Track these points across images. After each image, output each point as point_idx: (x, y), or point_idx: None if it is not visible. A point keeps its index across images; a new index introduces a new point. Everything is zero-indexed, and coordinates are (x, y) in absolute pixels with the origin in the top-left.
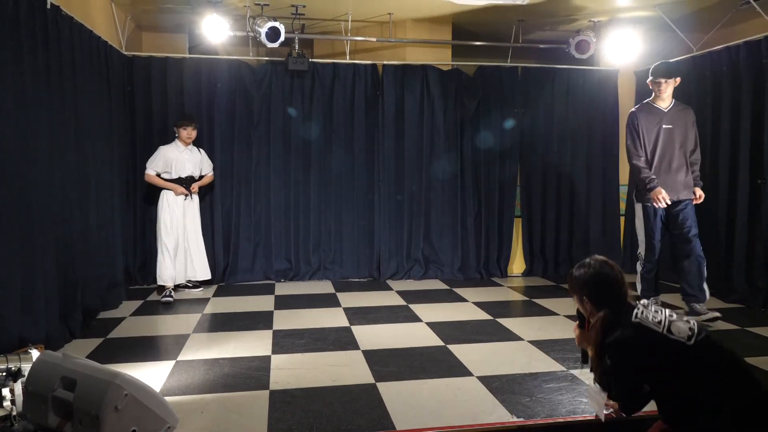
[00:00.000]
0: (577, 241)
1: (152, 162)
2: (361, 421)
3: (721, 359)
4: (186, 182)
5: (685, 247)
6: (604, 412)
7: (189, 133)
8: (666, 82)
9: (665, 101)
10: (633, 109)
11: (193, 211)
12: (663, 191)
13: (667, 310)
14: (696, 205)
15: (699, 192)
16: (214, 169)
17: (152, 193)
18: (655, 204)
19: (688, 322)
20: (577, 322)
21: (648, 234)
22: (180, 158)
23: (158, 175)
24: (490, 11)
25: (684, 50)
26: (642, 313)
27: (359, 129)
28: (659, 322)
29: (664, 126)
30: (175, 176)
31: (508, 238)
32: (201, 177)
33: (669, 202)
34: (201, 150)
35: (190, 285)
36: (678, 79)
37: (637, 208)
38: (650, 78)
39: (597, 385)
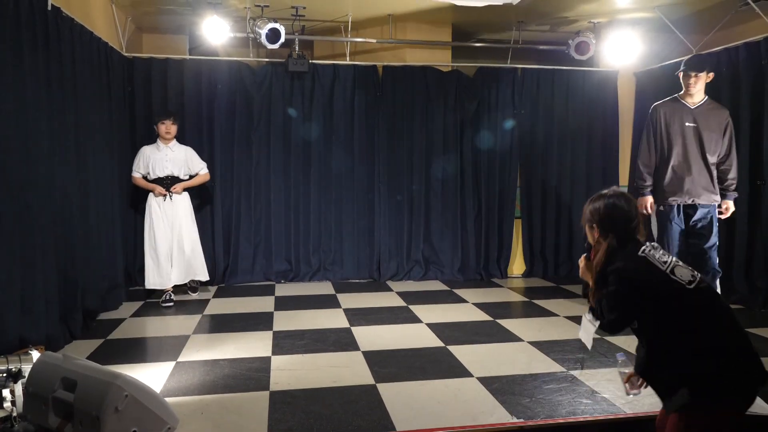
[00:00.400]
0: (577, 241)
1: (135, 164)
2: (362, 422)
3: (716, 308)
4: (166, 182)
5: (699, 259)
6: (631, 392)
7: (168, 128)
8: (696, 76)
9: (693, 97)
10: (656, 103)
11: (183, 213)
12: (649, 200)
13: (674, 257)
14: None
15: (726, 204)
16: (212, 169)
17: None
18: (645, 211)
19: (691, 270)
20: (585, 254)
21: (666, 243)
22: (158, 157)
23: (145, 177)
24: (490, 12)
25: (684, 51)
26: (649, 250)
27: (359, 130)
28: (664, 263)
29: (687, 124)
30: (153, 177)
31: (508, 239)
32: (191, 177)
33: (650, 211)
34: (188, 148)
35: (188, 285)
36: (711, 75)
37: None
38: (681, 69)
39: (590, 314)
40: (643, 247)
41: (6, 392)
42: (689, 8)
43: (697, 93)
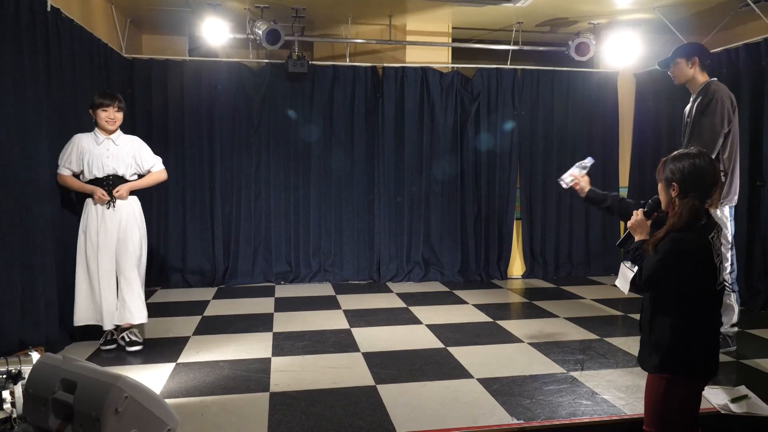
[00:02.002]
0: (577, 243)
1: (64, 156)
2: (362, 423)
3: (717, 306)
4: (107, 184)
5: None
6: (565, 180)
7: (110, 115)
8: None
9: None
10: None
11: (126, 226)
12: None
13: (725, 252)
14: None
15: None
16: (213, 170)
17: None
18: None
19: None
20: (643, 210)
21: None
22: (97, 152)
23: (76, 175)
24: (490, 13)
25: None
26: (716, 238)
27: (359, 131)
28: (718, 256)
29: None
30: (89, 177)
31: (508, 241)
32: (140, 176)
33: None
34: (136, 139)
35: (125, 339)
36: (679, 62)
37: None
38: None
39: (629, 263)
40: (713, 233)
41: (6, 394)
42: (689, 9)
43: (687, 85)
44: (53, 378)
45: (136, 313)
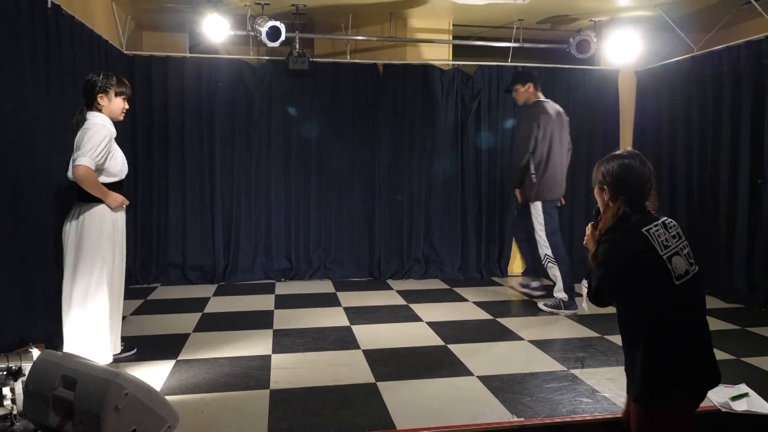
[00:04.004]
0: (577, 240)
1: (97, 148)
2: (362, 420)
3: (692, 306)
4: (122, 187)
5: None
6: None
7: (127, 105)
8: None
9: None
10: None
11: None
12: None
13: (683, 243)
14: (693, 203)
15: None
16: (213, 167)
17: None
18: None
19: (691, 264)
20: (593, 222)
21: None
22: (116, 146)
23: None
24: (491, 11)
25: (685, 50)
26: (656, 230)
27: (359, 128)
28: (666, 247)
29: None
30: (117, 177)
31: (509, 238)
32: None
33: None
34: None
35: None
36: (517, 88)
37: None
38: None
39: (585, 281)
40: (651, 225)
41: (6, 390)
42: (690, 7)
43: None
44: (53, 375)
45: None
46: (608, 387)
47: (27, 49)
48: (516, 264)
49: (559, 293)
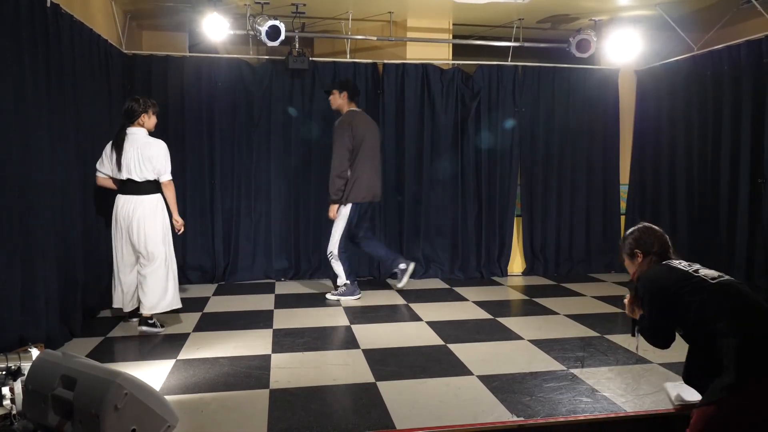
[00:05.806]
0: (578, 240)
1: (168, 161)
2: (362, 420)
3: (740, 303)
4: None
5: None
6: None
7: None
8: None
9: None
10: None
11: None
12: None
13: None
14: (694, 202)
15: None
16: (213, 167)
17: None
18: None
19: (719, 272)
20: (632, 293)
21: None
22: None
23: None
24: (491, 10)
25: (685, 49)
26: (677, 261)
27: None
28: (689, 265)
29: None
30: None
31: (509, 238)
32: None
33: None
34: None
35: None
36: (335, 93)
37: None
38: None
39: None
40: (672, 260)
41: (5, 390)
42: (691, 6)
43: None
44: (53, 374)
45: (147, 303)
46: (608, 387)
47: (26, 49)
48: (516, 264)
49: (342, 280)
